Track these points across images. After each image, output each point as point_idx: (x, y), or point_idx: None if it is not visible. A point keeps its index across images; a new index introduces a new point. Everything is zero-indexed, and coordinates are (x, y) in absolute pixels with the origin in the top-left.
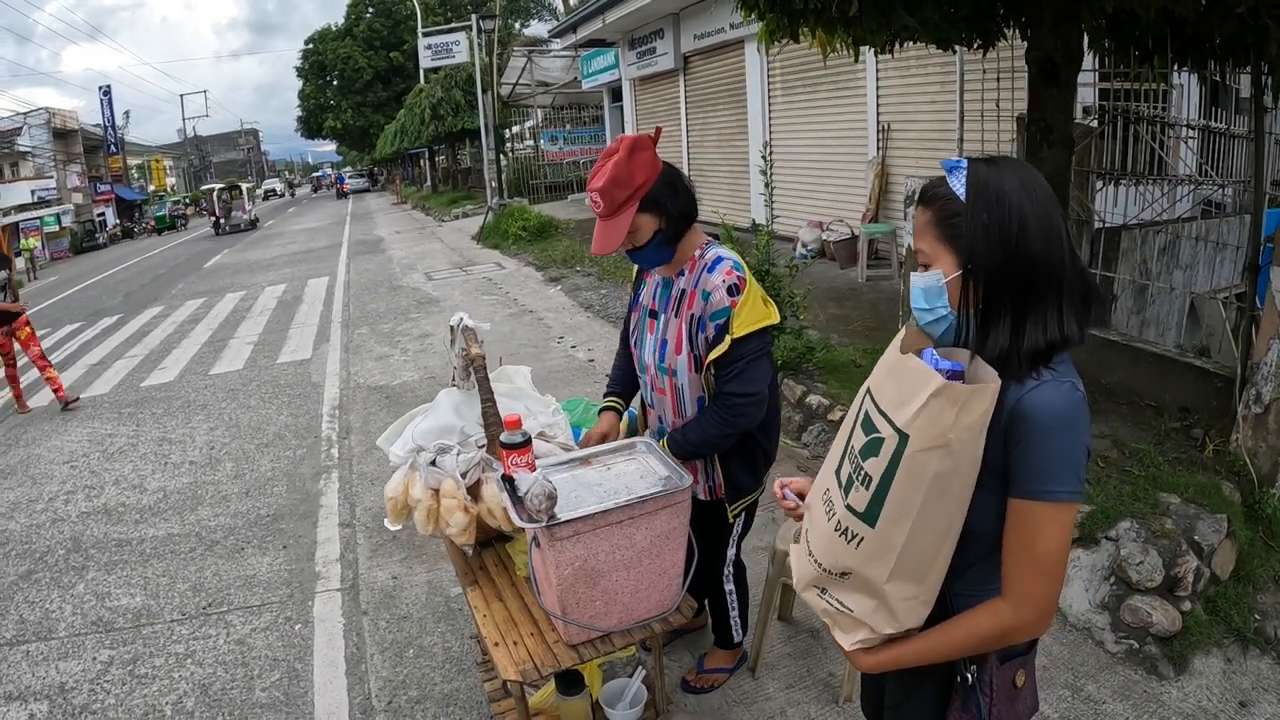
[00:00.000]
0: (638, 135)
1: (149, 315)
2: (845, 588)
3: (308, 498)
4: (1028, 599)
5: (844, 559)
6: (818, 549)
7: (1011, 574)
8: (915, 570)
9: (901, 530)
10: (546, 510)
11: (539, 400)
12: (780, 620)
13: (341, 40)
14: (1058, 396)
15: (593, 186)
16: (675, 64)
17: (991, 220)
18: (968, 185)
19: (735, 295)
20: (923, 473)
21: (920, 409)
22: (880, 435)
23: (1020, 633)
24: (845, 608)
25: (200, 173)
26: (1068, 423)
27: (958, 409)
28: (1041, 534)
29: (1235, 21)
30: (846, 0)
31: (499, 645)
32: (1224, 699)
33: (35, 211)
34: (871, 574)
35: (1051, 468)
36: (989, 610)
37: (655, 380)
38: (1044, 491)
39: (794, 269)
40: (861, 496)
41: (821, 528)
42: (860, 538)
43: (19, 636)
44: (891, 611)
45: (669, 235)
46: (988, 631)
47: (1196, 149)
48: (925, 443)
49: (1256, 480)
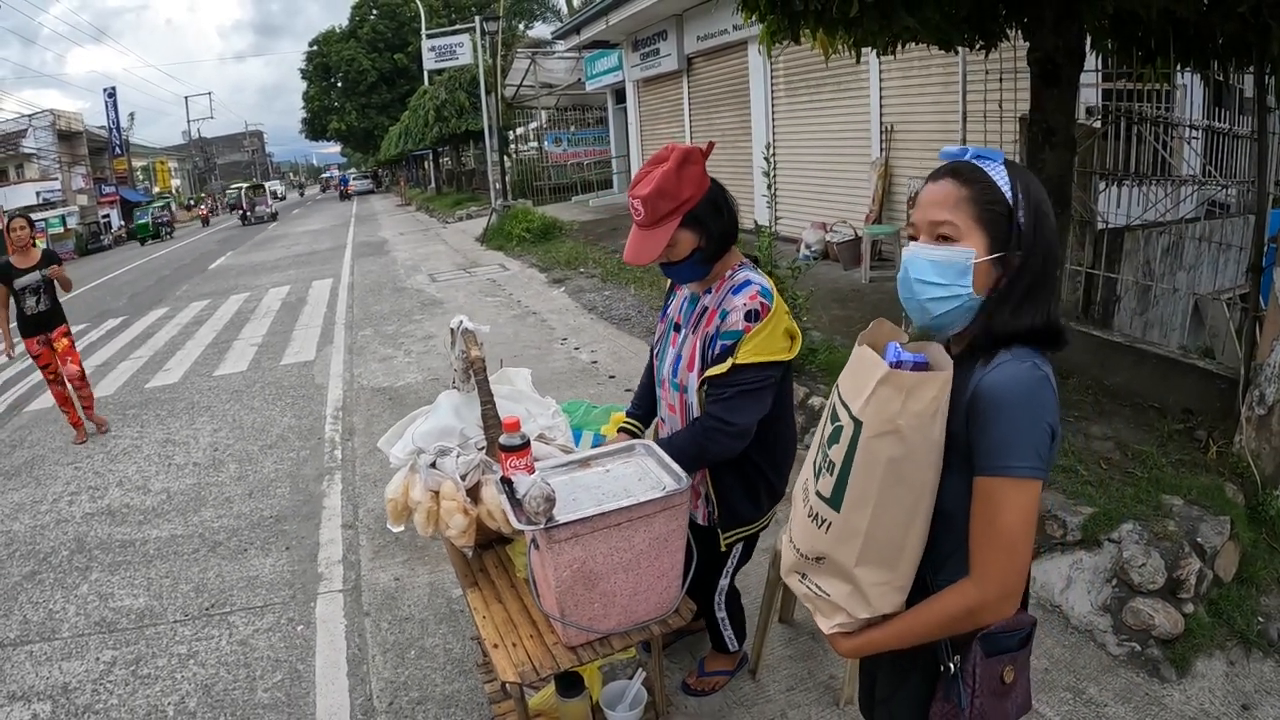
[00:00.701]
0: (690, 147)
1: (154, 317)
2: (822, 572)
3: (310, 499)
4: (991, 576)
5: (818, 544)
6: (796, 535)
7: (975, 552)
8: (883, 556)
9: (863, 515)
10: (545, 513)
11: (539, 402)
12: (781, 622)
13: (346, 42)
14: (1016, 374)
15: (636, 193)
16: (679, 65)
17: (1038, 219)
18: (1011, 180)
19: (753, 321)
20: (876, 458)
21: (870, 396)
22: (841, 424)
23: (986, 611)
24: (823, 592)
25: (205, 174)
26: (1025, 399)
27: (904, 396)
28: (1002, 510)
29: (1237, 21)
30: (847, 1)
31: (498, 647)
32: (1226, 702)
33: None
34: (841, 558)
35: (1009, 444)
36: (956, 590)
37: (668, 395)
38: (1002, 467)
39: (796, 270)
40: (827, 482)
41: (799, 514)
42: (828, 522)
43: (23, 637)
44: (865, 596)
45: (707, 254)
46: (955, 610)
47: (1200, 149)
48: (876, 429)
49: (1260, 482)
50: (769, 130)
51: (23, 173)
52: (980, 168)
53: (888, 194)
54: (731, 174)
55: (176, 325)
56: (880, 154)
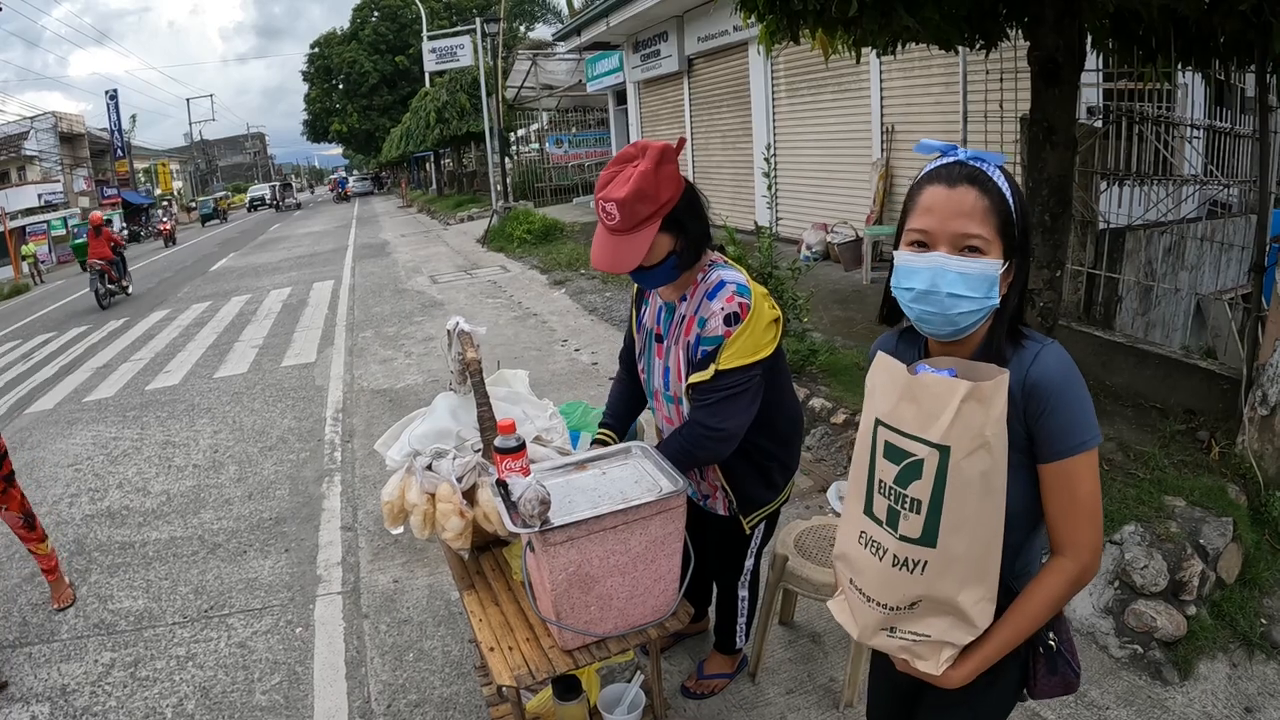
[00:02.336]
0: (663, 144)
1: (155, 319)
2: (916, 617)
3: (310, 501)
4: (1085, 544)
5: (911, 589)
6: (876, 591)
7: (1063, 529)
8: (978, 572)
9: (962, 539)
10: (540, 515)
11: (536, 404)
12: (781, 625)
13: (347, 44)
14: (1057, 357)
15: (610, 195)
16: (679, 66)
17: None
18: (1009, 182)
19: (732, 325)
20: (971, 477)
21: (955, 417)
22: (918, 457)
23: (1087, 575)
24: (921, 635)
25: (207, 176)
26: (1076, 378)
27: (986, 406)
28: (1082, 483)
29: (1238, 19)
30: (845, 1)
31: (494, 650)
32: (1229, 704)
33: (42, 215)
34: (944, 591)
35: (1079, 422)
36: (1053, 571)
37: (662, 408)
38: (1077, 445)
39: (796, 271)
40: (914, 523)
41: (874, 570)
42: (923, 562)
43: (22, 638)
44: (967, 619)
45: (684, 259)
46: (1062, 590)
47: (1201, 149)
48: (968, 447)
49: (1263, 483)
50: (770, 131)
51: (25, 175)
52: (989, 174)
53: (889, 195)
54: (732, 175)
55: (177, 327)
56: (881, 155)
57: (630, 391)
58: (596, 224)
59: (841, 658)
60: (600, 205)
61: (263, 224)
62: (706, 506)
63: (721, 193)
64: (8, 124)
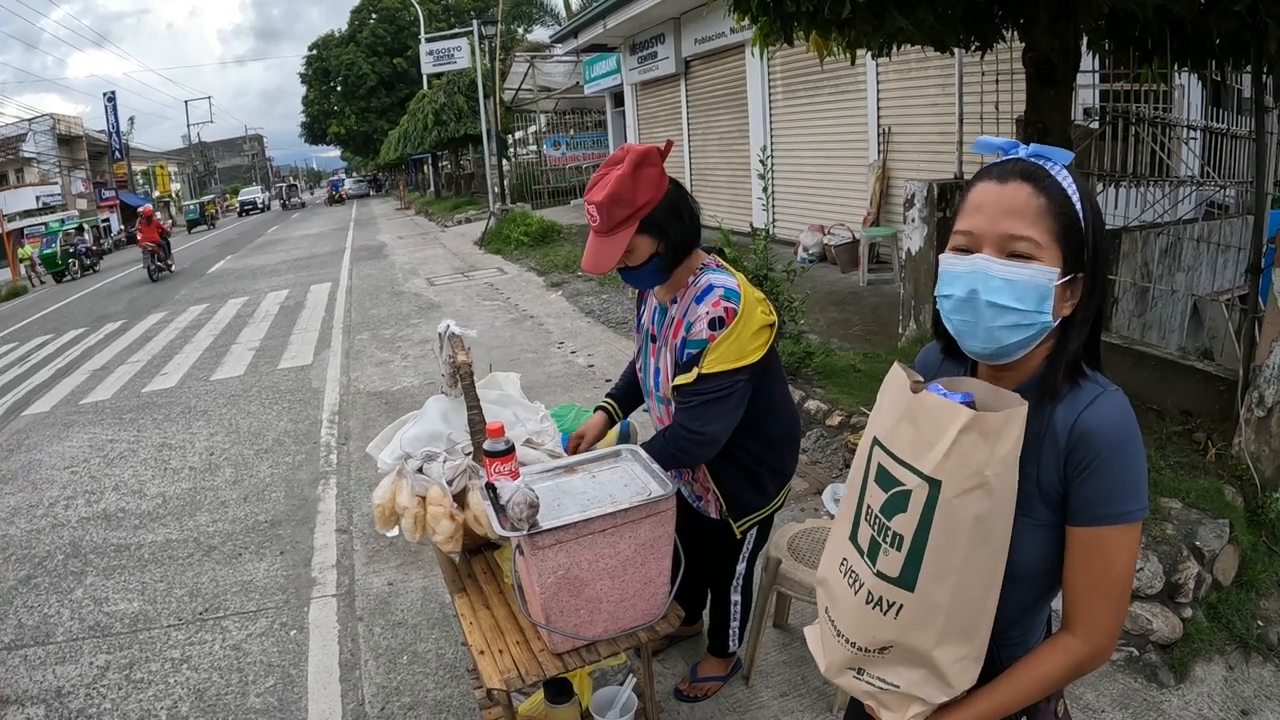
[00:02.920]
0: (646, 148)
1: (152, 321)
2: (886, 663)
3: (305, 503)
4: (1101, 630)
5: (882, 632)
6: (847, 627)
7: (1081, 606)
8: (963, 628)
9: (945, 589)
10: (528, 519)
11: (527, 407)
12: (775, 627)
13: (345, 46)
14: (1117, 409)
15: (591, 199)
16: (676, 68)
17: (1098, 230)
18: (1078, 184)
19: (717, 329)
20: (963, 520)
21: (950, 449)
22: (905, 487)
23: (1093, 663)
24: (890, 685)
25: (205, 179)
26: (1134, 434)
27: (992, 442)
28: (1116, 560)
29: (1233, 20)
30: (839, 3)
31: (484, 653)
32: (1226, 707)
33: (40, 217)
34: (916, 643)
35: (1127, 487)
36: (1057, 649)
37: (655, 409)
38: (1120, 514)
39: (792, 273)
40: (894, 560)
41: (849, 603)
42: (898, 605)
43: (17, 641)
44: (943, 677)
45: (666, 261)
46: (1061, 671)
47: (1198, 150)
48: (961, 486)
49: (1260, 484)
50: (767, 133)
51: (22, 177)
52: (1050, 172)
53: (885, 196)
54: (729, 176)
55: (174, 329)
56: (878, 156)
57: (636, 376)
58: None
59: None
60: (586, 208)
61: (260, 226)
62: (699, 509)
63: (719, 195)
64: (6, 126)
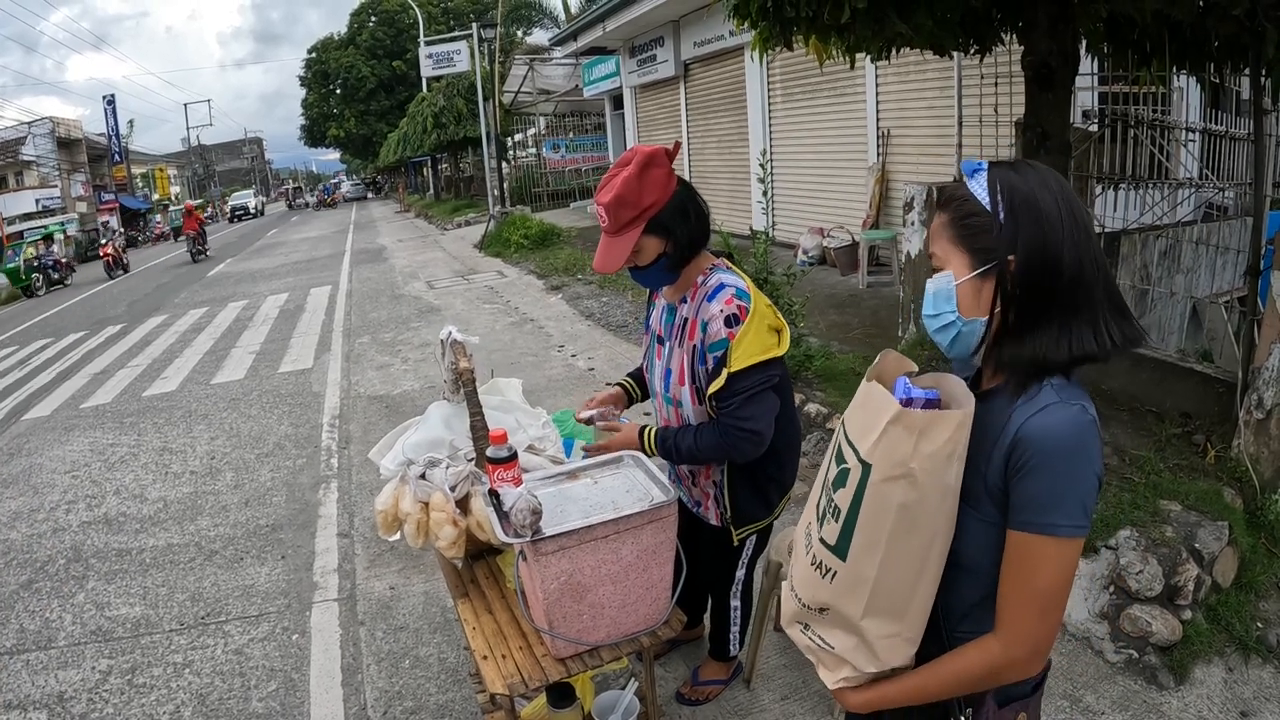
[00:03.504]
0: (654, 149)
1: (152, 324)
2: (825, 623)
3: (306, 508)
4: (1021, 636)
5: (820, 594)
6: (798, 583)
7: (1005, 609)
8: (892, 607)
9: (871, 563)
10: (531, 525)
11: (530, 413)
12: (776, 631)
13: (344, 49)
14: (1065, 420)
15: (600, 200)
16: (676, 71)
17: (1019, 219)
18: (990, 184)
19: (733, 326)
20: (887, 504)
21: (879, 438)
22: (847, 466)
23: (1011, 671)
24: (827, 644)
25: (204, 181)
26: (1074, 449)
27: (916, 437)
28: (1041, 570)
29: (1232, 23)
30: (838, 7)
31: (487, 658)
32: (1225, 709)
33: (39, 220)
34: (846, 609)
35: (1055, 499)
36: (978, 647)
37: (663, 409)
38: (1046, 525)
39: (792, 276)
40: (832, 529)
41: (801, 562)
42: (833, 571)
43: (19, 645)
44: (871, 649)
45: (673, 261)
46: (977, 670)
47: (1197, 152)
48: (886, 472)
49: (1259, 486)
50: (766, 136)
51: (22, 180)
52: (962, 183)
53: (885, 199)
54: (729, 179)
55: (174, 333)
56: (877, 159)
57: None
58: (598, 229)
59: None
60: (596, 209)
61: (260, 229)
62: (699, 514)
63: (718, 198)
64: (5, 129)
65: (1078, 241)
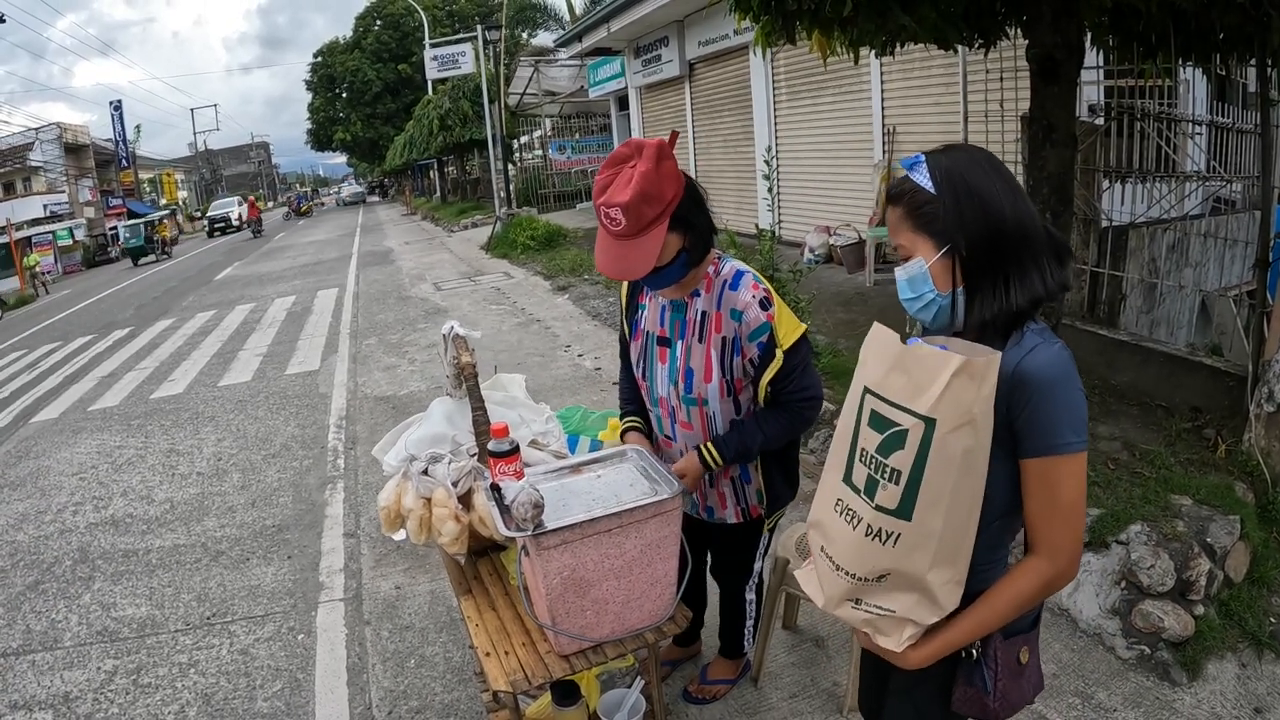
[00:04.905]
0: (659, 141)
1: (160, 328)
2: (883, 590)
3: (313, 508)
4: (1062, 549)
5: (881, 561)
6: (846, 560)
7: (1040, 530)
8: (951, 552)
9: (938, 515)
10: (533, 519)
11: (533, 408)
12: (784, 629)
13: (350, 53)
14: (1051, 356)
15: (615, 200)
16: (680, 71)
17: (960, 198)
18: (931, 173)
19: (768, 309)
20: (954, 453)
21: (944, 390)
22: (902, 427)
23: (1059, 580)
24: (886, 610)
25: (211, 186)
26: (1065, 377)
27: (978, 382)
28: (1062, 485)
29: (1237, 13)
30: (841, 1)
31: (490, 655)
32: (1238, 705)
33: (47, 226)
34: (913, 567)
35: (1061, 422)
36: (1026, 570)
37: (678, 412)
38: (1059, 445)
39: (798, 274)
40: (892, 493)
41: (847, 539)
42: (896, 534)
43: (25, 646)
44: (934, 599)
45: (694, 255)
46: (1032, 589)
47: (1204, 145)
48: (954, 421)
49: (1270, 480)
50: (772, 134)
51: (30, 186)
52: (906, 177)
53: None
54: (735, 178)
55: (182, 336)
56: (883, 156)
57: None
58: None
59: (844, 661)
60: (603, 211)
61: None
62: (714, 519)
63: (724, 197)
64: (13, 135)
65: (1015, 204)
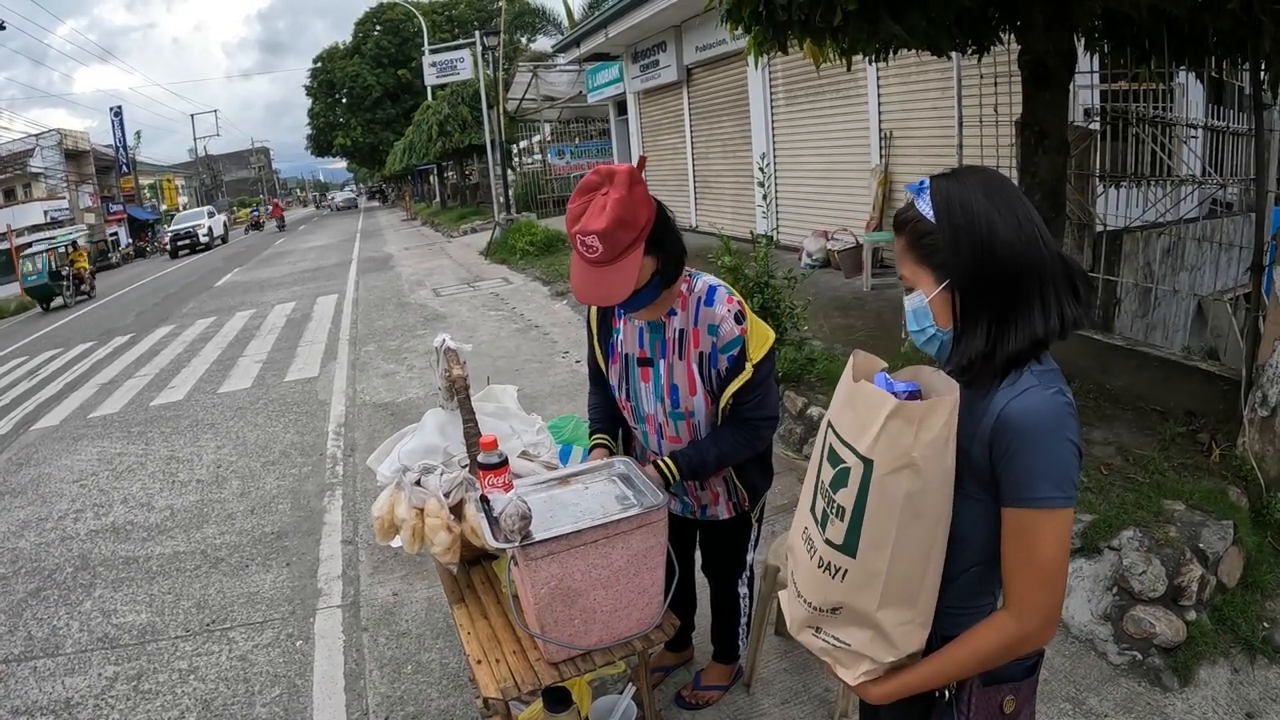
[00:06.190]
0: (629, 167)
1: (160, 334)
2: (839, 623)
3: (311, 515)
4: (1031, 609)
5: (832, 594)
6: (805, 589)
7: (1012, 585)
8: (905, 594)
9: (883, 556)
10: (520, 530)
11: (524, 419)
12: (776, 635)
13: (350, 58)
14: (1040, 402)
15: (589, 228)
16: (678, 76)
17: (959, 232)
18: (933, 203)
19: (743, 322)
20: (893, 496)
21: (879, 432)
22: (846, 465)
23: (1026, 643)
24: (842, 643)
25: (212, 191)
26: (1052, 428)
27: (916, 427)
28: (1039, 542)
29: (1229, 18)
30: (829, 10)
31: (482, 663)
32: (1231, 710)
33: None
34: (861, 605)
35: (1040, 474)
36: (993, 625)
37: (665, 428)
38: (1036, 499)
39: (793, 280)
40: (838, 529)
41: (806, 567)
42: (844, 570)
43: (27, 653)
44: (888, 639)
45: (667, 276)
46: (993, 646)
47: (1199, 148)
48: (890, 465)
49: (1264, 485)
50: (769, 139)
51: (30, 192)
52: (911, 204)
53: (888, 201)
54: (733, 183)
55: (182, 343)
56: (880, 161)
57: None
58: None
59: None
60: (579, 239)
61: (265, 240)
62: (706, 516)
63: (722, 202)
64: (13, 141)
65: (1019, 235)
